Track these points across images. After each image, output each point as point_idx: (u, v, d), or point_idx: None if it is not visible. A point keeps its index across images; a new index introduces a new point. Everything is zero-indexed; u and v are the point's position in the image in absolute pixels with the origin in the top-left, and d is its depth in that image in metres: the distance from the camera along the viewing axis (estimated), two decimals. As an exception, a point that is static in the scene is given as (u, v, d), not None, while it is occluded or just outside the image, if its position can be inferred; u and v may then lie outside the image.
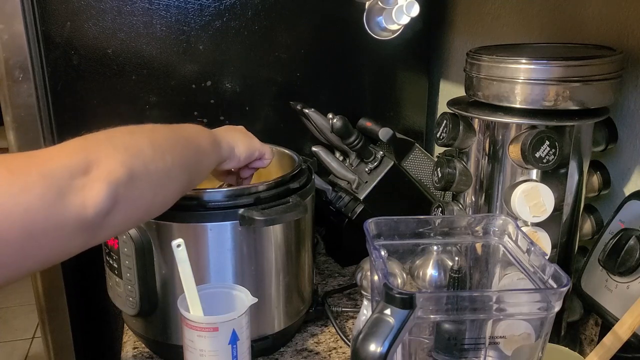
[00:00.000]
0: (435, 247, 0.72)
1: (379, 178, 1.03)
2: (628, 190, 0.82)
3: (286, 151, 0.95)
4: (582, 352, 0.81)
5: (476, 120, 0.79)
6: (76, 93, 1.08)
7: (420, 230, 0.70)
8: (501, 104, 0.75)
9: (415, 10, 0.88)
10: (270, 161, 0.87)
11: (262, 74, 1.16)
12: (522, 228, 0.72)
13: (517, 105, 0.74)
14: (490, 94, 0.76)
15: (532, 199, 0.74)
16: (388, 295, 0.53)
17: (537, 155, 0.72)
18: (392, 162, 1.04)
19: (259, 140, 0.85)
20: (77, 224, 0.52)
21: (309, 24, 1.17)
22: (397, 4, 0.89)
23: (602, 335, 0.67)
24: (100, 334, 1.24)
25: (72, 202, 0.51)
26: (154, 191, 0.62)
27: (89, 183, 0.53)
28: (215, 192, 0.80)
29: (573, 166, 0.76)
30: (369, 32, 0.92)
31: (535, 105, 0.72)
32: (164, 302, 0.80)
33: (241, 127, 0.86)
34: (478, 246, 0.72)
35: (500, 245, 0.70)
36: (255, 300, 0.71)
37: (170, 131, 0.68)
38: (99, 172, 0.54)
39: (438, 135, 0.82)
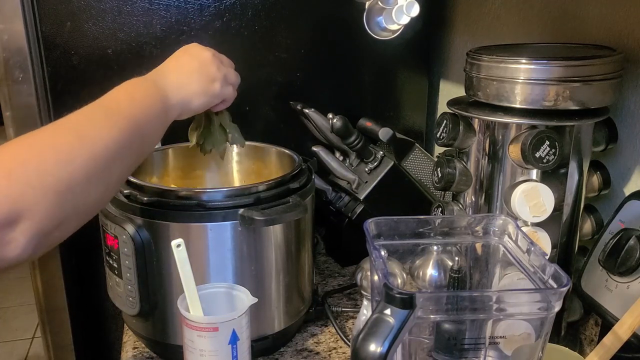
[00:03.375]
0: (435, 247, 0.72)
1: (379, 178, 1.03)
2: (628, 190, 0.82)
3: (286, 151, 0.95)
4: (582, 352, 0.81)
5: (476, 120, 0.79)
6: (76, 93, 1.08)
7: (420, 230, 0.70)
8: (501, 104, 0.75)
9: (415, 10, 0.88)
10: (230, 103, 0.80)
11: (262, 74, 1.16)
12: (522, 228, 0.72)
13: (517, 105, 0.74)
14: (490, 94, 0.76)
15: (532, 199, 0.74)
16: (388, 295, 0.53)
17: (537, 155, 0.72)
18: (392, 162, 1.04)
19: (219, 84, 0.75)
20: None
21: (309, 24, 1.17)
22: (397, 4, 0.89)
23: (602, 335, 0.67)
24: (100, 334, 1.24)
25: None
26: (84, 218, 0.58)
27: (13, 238, 0.50)
28: (215, 192, 0.80)
29: (573, 166, 0.76)
30: (369, 32, 0.92)
31: (535, 105, 0.72)
32: (164, 302, 0.80)
33: (204, 59, 0.74)
34: (478, 246, 0.72)
35: (500, 245, 0.70)
36: (255, 300, 0.71)
37: (113, 132, 0.59)
38: (25, 226, 0.50)
39: (438, 135, 0.82)
